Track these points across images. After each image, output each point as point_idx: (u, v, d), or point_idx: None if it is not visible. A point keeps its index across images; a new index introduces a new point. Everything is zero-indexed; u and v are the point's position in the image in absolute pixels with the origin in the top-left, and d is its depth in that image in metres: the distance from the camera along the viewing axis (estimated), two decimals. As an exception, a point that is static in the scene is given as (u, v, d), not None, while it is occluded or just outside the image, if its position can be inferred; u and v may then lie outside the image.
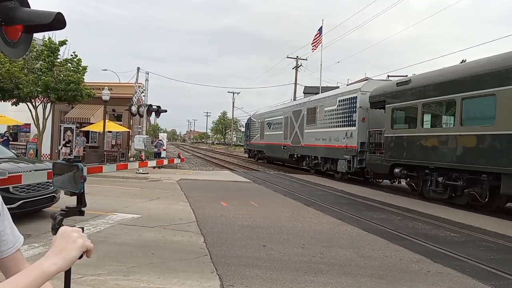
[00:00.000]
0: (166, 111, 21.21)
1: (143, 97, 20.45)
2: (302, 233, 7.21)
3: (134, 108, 18.90)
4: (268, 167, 26.66)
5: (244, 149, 39.23)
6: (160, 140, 26.09)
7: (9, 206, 7.10)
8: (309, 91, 39.53)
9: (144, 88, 20.53)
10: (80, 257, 1.05)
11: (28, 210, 7.13)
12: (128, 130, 23.70)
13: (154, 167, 19.11)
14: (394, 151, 13.48)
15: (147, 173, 17.28)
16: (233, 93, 66.22)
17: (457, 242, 6.95)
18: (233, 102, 68.26)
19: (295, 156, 22.99)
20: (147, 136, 20.73)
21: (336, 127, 17.93)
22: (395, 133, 13.55)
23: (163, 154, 24.25)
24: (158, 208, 9.39)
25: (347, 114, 17.07)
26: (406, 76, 14.36)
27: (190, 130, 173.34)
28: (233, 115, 75.13)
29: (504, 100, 9.29)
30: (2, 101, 18.12)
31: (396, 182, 15.66)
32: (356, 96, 16.45)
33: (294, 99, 34.12)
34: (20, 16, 1.99)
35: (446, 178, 11.30)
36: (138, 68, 21.49)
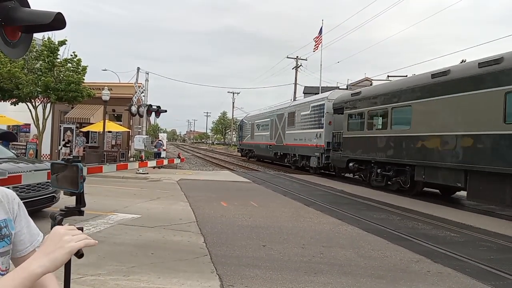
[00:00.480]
0: (166, 111, 21.21)
1: (143, 97, 20.44)
2: (302, 233, 7.21)
3: (134, 108, 18.90)
4: (268, 167, 26.70)
5: (238, 148, 42.25)
6: (160, 140, 26.10)
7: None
8: (309, 91, 39.49)
9: (144, 88, 20.52)
10: (81, 257, 1.05)
11: (28, 211, 7.12)
12: (128, 130, 23.69)
13: (154, 167, 19.11)
14: (349, 149, 16.51)
15: (147, 173, 17.28)
16: (233, 93, 66.28)
17: (457, 242, 6.95)
18: (233, 102, 68.33)
19: (279, 154, 25.87)
20: (147, 136, 20.73)
21: (309, 129, 21.05)
22: (349, 134, 16.62)
23: (163, 154, 24.25)
24: (158, 208, 9.39)
25: (317, 118, 20.17)
26: (406, 76, 14.66)
27: (190, 130, 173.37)
28: (233, 115, 75.11)
29: (416, 110, 12.52)
30: (2, 101, 18.10)
31: (358, 176, 17.49)
32: (323, 103, 19.55)
33: (294, 99, 34.36)
34: (20, 16, 1.99)
35: (382, 170, 14.37)
36: (138, 68, 21.51)
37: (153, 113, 20.89)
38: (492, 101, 9.69)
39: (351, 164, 16.28)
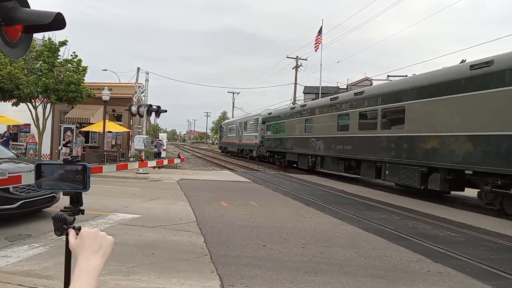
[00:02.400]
0: (166, 111, 21.20)
1: (143, 97, 20.44)
2: (302, 233, 7.21)
3: (134, 108, 18.89)
4: (268, 167, 26.73)
5: (218, 146, 57.06)
6: (160, 140, 26.09)
7: (9, 206, 7.01)
8: (309, 91, 39.69)
9: (144, 88, 20.52)
10: None
11: (28, 210, 7.13)
12: (128, 130, 23.69)
13: (154, 167, 19.11)
14: (266, 144, 28.44)
15: (147, 173, 17.28)
16: (233, 93, 66.32)
17: (457, 242, 6.95)
18: (233, 102, 68.29)
19: (239, 149, 37.91)
20: (147, 136, 20.73)
21: (252, 132, 32.95)
22: (267, 136, 28.46)
23: (163, 154, 24.24)
24: (158, 208, 9.39)
25: (256, 126, 31.83)
26: (406, 75, 14.76)
27: (190, 130, 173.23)
28: (233, 115, 74.93)
29: (286, 125, 24.36)
30: (2, 101, 18.11)
31: (270, 160, 28.80)
32: (258, 118, 31.41)
33: (294, 99, 35.61)
34: (20, 16, 1.99)
35: (277, 155, 26.55)
36: (138, 68, 21.51)
37: (153, 113, 20.88)
38: (297, 123, 22.48)
39: (267, 153, 28.59)
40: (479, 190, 10.50)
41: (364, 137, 15.05)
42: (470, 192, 12.17)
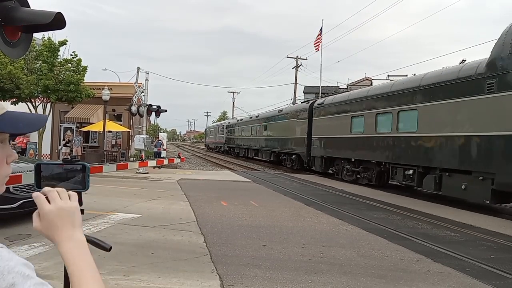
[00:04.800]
0: (166, 111, 21.21)
1: (143, 97, 20.44)
2: (302, 233, 7.21)
3: (134, 108, 18.90)
4: (268, 167, 26.75)
5: (204, 144, 72.98)
6: (160, 140, 26.10)
7: (9, 206, 6.99)
8: (309, 90, 39.74)
9: (144, 88, 20.52)
10: (110, 249, 1.12)
11: (29, 210, 7.13)
12: (128, 130, 23.69)
13: (154, 167, 19.11)
14: (228, 142, 43.58)
15: (147, 173, 17.27)
16: (233, 93, 66.23)
17: (457, 242, 6.95)
18: (233, 102, 68.13)
19: (215, 146, 51.99)
20: (147, 136, 20.73)
21: (222, 134, 46.34)
22: (229, 136, 43.38)
23: (163, 154, 24.25)
24: (158, 207, 9.39)
25: (223, 130, 45.37)
26: (406, 75, 14.77)
27: (190, 130, 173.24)
28: (233, 115, 74.79)
29: (241, 129, 38.10)
30: (2, 101, 18.10)
31: (230, 153, 42.29)
32: (224, 124, 46.64)
33: (294, 99, 35.72)
34: (20, 16, 1.99)
35: (232, 149, 41.59)
36: (138, 68, 21.51)
37: (153, 113, 20.89)
38: (238, 130, 38.77)
39: (227, 148, 42.62)
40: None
41: (259, 138, 30.52)
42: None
